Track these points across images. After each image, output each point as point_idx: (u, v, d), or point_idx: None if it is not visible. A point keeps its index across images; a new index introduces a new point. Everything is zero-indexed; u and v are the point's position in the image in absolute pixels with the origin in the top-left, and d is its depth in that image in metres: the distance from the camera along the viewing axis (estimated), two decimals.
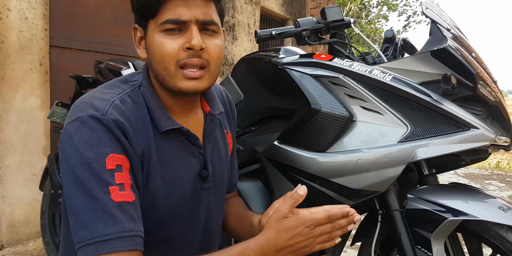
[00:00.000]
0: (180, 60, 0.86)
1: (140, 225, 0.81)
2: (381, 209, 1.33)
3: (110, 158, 0.80)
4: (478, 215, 1.08)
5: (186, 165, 0.96)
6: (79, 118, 0.82)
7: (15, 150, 2.53)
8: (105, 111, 0.82)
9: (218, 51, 0.91)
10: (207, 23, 0.88)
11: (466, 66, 1.14)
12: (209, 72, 0.90)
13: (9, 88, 2.47)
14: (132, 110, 0.88)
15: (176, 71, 0.87)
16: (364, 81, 1.25)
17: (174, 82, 0.88)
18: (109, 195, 0.77)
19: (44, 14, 2.64)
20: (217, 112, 1.05)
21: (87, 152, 0.79)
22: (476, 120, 1.14)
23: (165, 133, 0.92)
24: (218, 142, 1.09)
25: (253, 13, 5.08)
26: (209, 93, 1.07)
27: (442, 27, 1.21)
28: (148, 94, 0.92)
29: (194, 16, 0.86)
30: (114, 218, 0.77)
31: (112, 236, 0.76)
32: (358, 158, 1.20)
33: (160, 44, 0.86)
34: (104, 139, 0.80)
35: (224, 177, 1.11)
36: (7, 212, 2.52)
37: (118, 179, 0.80)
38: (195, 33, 0.86)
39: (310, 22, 1.44)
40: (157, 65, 0.89)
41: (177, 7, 0.85)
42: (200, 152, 1.00)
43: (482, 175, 5.58)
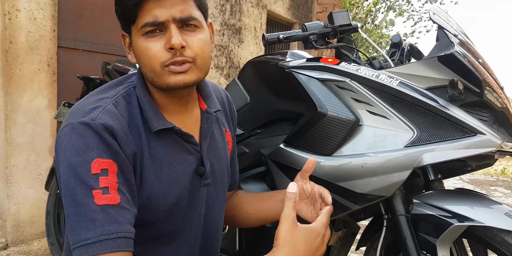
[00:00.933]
0: (165, 61, 0.88)
1: (126, 226, 0.82)
2: (387, 214, 1.33)
3: (95, 162, 0.82)
4: (484, 221, 1.08)
5: (182, 163, 0.98)
6: (69, 124, 0.85)
7: (21, 150, 2.55)
8: (95, 116, 0.84)
9: (201, 45, 0.91)
10: (186, 20, 0.89)
11: (473, 72, 1.14)
12: (196, 65, 0.91)
13: (16, 88, 2.49)
14: (125, 112, 0.90)
15: (162, 70, 0.89)
16: (371, 85, 1.25)
17: (162, 80, 0.90)
18: (92, 199, 0.80)
19: (53, 15, 2.66)
20: (214, 110, 1.06)
21: (74, 157, 0.82)
22: (483, 125, 1.14)
23: (158, 132, 0.93)
24: (216, 140, 1.10)
25: (259, 16, 5.09)
26: (206, 91, 1.08)
27: (449, 33, 1.22)
28: (142, 95, 0.94)
29: (171, 15, 0.87)
30: (94, 222, 0.79)
31: (92, 240, 0.78)
32: (364, 162, 1.20)
33: (143, 48, 0.89)
34: (90, 144, 0.82)
35: (224, 174, 1.13)
36: (12, 211, 2.53)
37: (103, 183, 0.81)
38: (174, 32, 0.87)
39: (317, 26, 1.44)
40: (144, 68, 0.91)
41: (153, 9, 0.86)
42: (196, 149, 1.01)
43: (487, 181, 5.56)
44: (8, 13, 2.39)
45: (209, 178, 1.05)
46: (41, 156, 2.66)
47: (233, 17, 4.62)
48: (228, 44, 4.60)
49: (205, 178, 1.04)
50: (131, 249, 0.82)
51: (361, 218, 1.52)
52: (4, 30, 2.39)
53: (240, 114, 1.65)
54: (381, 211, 1.35)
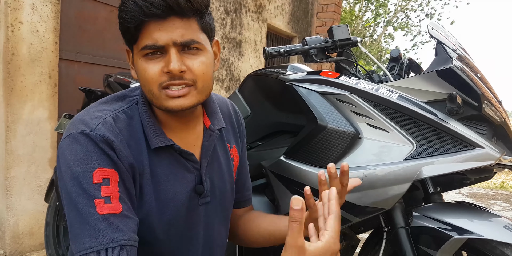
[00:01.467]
0: (162, 82, 0.86)
1: (129, 234, 0.82)
2: (387, 227, 1.33)
3: (97, 172, 0.82)
4: (484, 233, 1.08)
5: (180, 181, 0.97)
6: (71, 134, 0.85)
7: (21, 161, 2.55)
8: (94, 127, 0.85)
9: (203, 68, 0.89)
10: (187, 44, 0.86)
11: (471, 86, 1.16)
12: (196, 89, 0.89)
13: (18, 100, 2.50)
14: (126, 126, 0.90)
15: (160, 92, 0.87)
16: (370, 99, 1.26)
17: (160, 102, 0.88)
18: (94, 208, 0.80)
19: (55, 28, 2.69)
20: (217, 127, 1.04)
21: (76, 167, 0.82)
22: (481, 139, 1.15)
23: (157, 149, 0.92)
24: (219, 157, 1.08)
25: (260, 30, 5.14)
26: (211, 107, 1.06)
27: (448, 47, 1.24)
28: (143, 111, 0.94)
29: (172, 39, 0.84)
30: (98, 231, 0.79)
31: (96, 248, 0.78)
32: (364, 175, 1.21)
33: (142, 69, 0.88)
34: (91, 154, 0.83)
35: (226, 192, 1.10)
36: (11, 223, 2.52)
37: (104, 192, 0.82)
38: (173, 57, 0.85)
39: (317, 40, 1.47)
40: (143, 87, 0.90)
41: (153, 32, 0.84)
42: (195, 167, 1.00)
43: (486, 195, 5.55)
44: (11, 25, 2.42)
45: (209, 196, 1.03)
46: (41, 167, 2.66)
47: (233, 31, 4.67)
48: (228, 57, 4.63)
49: (203, 196, 1.02)
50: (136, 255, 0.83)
51: (361, 230, 1.52)
52: (6, 42, 2.41)
53: None
54: (381, 223, 1.35)
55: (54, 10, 2.66)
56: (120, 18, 0.86)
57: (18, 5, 2.45)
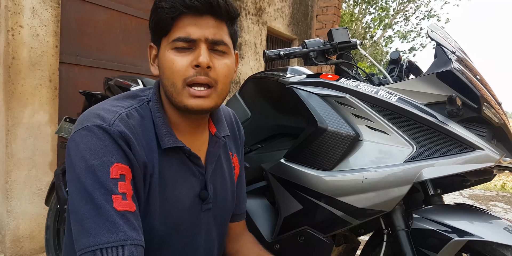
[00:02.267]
0: (187, 77, 0.88)
1: (141, 235, 0.82)
2: (387, 229, 1.33)
3: (114, 167, 0.81)
4: (484, 235, 1.08)
5: (186, 184, 0.97)
6: (86, 127, 0.83)
7: (22, 164, 2.55)
8: (112, 122, 0.84)
9: (226, 71, 0.91)
10: (216, 43, 0.90)
11: (471, 88, 1.16)
12: (216, 91, 0.91)
13: (18, 103, 2.50)
14: (138, 124, 0.90)
15: (183, 89, 0.89)
16: (370, 101, 1.27)
17: (180, 99, 0.89)
18: (112, 204, 0.78)
19: (55, 31, 2.70)
20: (223, 134, 1.05)
21: (92, 160, 0.80)
22: (481, 141, 1.15)
23: (167, 150, 0.92)
24: (222, 164, 1.08)
25: (260, 33, 5.15)
26: (217, 115, 1.07)
27: (447, 49, 1.24)
28: (156, 110, 0.94)
29: (204, 35, 0.88)
30: (117, 226, 0.77)
31: (115, 243, 0.76)
32: (364, 177, 1.21)
33: (170, 61, 0.89)
34: (109, 148, 0.82)
35: (227, 200, 1.10)
36: (12, 226, 2.52)
37: (121, 189, 0.81)
38: (203, 51, 0.88)
39: (317, 43, 1.47)
40: (166, 81, 0.90)
41: (187, 26, 0.87)
42: (201, 172, 1.00)
43: (487, 197, 5.55)
44: (11, 29, 2.43)
45: (211, 203, 1.03)
46: (41, 171, 2.66)
47: None
48: None
49: (206, 202, 1.02)
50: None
51: (362, 233, 1.52)
52: (7, 46, 2.42)
53: None
54: (381, 226, 1.35)
55: (54, 13, 2.67)
56: (158, 8, 0.88)
57: (19, 9, 2.45)
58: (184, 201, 0.96)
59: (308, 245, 1.35)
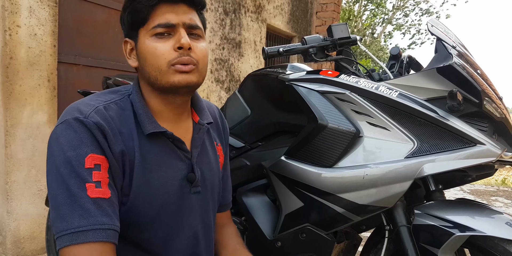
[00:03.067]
0: (172, 59, 0.94)
1: (115, 220, 0.87)
2: (388, 225, 1.33)
3: (89, 158, 0.86)
4: (485, 230, 1.08)
5: (172, 168, 1.01)
6: (65, 121, 0.89)
7: (21, 165, 2.54)
8: (87, 114, 0.89)
9: (204, 52, 0.99)
10: (193, 27, 0.97)
11: (471, 83, 1.16)
12: (198, 69, 0.97)
13: (17, 104, 2.49)
14: (117, 115, 0.95)
15: (168, 69, 0.94)
16: (370, 97, 1.26)
17: (166, 78, 0.95)
18: (85, 191, 0.84)
19: (53, 31, 2.69)
20: (206, 121, 1.10)
21: (69, 151, 0.86)
22: (482, 136, 1.15)
23: (150, 136, 0.97)
24: (208, 151, 1.13)
25: (259, 30, 5.14)
26: (199, 104, 1.12)
27: (448, 44, 1.23)
28: (137, 100, 0.99)
29: (181, 20, 0.95)
30: (89, 212, 0.83)
31: (85, 227, 0.82)
32: (365, 173, 1.20)
33: (152, 47, 0.95)
34: (84, 140, 0.87)
35: (215, 185, 1.14)
36: (12, 227, 2.52)
37: (95, 177, 0.86)
38: (183, 34, 0.94)
39: (316, 39, 1.46)
40: (150, 67, 0.96)
41: (165, 13, 0.94)
42: (186, 156, 1.04)
43: (488, 192, 5.55)
44: (8, 29, 2.42)
45: (200, 186, 1.07)
46: (41, 171, 2.66)
47: (233, 31, 4.66)
48: (228, 57, 4.63)
49: (195, 185, 1.05)
50: (117, 242, 0.87)
51: (363, 229, 1.52)
52: (4, 46, 2.41)
53: (241, 126, 1.66)
54: (382, 222, 1.35)
55: (51, 13, 2.66)
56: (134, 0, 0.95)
57: (16, 9, 2.44)
58: (170, 183, 1.00)
59: (309, 242, 1.35)
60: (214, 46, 4.39)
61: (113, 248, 0.86)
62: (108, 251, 0.85)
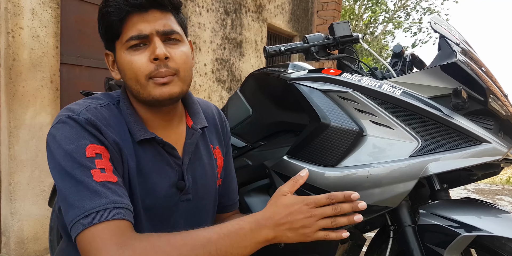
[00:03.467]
0: (150, 72, 0.91)
1: (128, 200, 0.85)
2: (393, 225, 1.31)
3: (89, 147, 0.86)
4: (492, 230, 1.06)
5: (161, 175, 0.99)
6: (59, 120, 0.89)
7: (24, 166, 2.54)
8: (79, 112, 0.89)
9: (184, 58, 0.95)
10: (168, 33, 0.93)
11: (476, 80, 1.14)
12: (179, 77, 0.94)
13: (20, 105, 2.50)
14: (110, 117, 0.94)
15: (147, 82, 0.92)
16: (373, 95, 1.25)
17: (147, 92, 0.92)
18: (91, 177, 0.82)
19: (56, 32, 2.69)
20: (200, 126, 1.08)
21: (67, 145, 0.85)
22: (488, 134, 1.13)
23: (141, 143, 0.96)
24: (202, 156, 1.10)
25: (260, 30, 5.13)
26: (193, 108, 1.10)
27: (451, 41, 1.22)
28: (125, 107, 0.97)
29: (154, 28, 0.91)
30: (99, 194, 0.81)
31: (98, 208, 0.80)
32: (369, 173, 1.19)
33: (128, 61, 0.92)
34: (82, 133, 0.87)
35: (208, 191, 1.11)
36: (16, 228, 2.52)
37: (99, 165, 0.85)
38: (158, 43, 0.91)
39: (318, 38, 1.45)
40: (130, 81, 0.94)
41: (137, 24, 0.91)
42: (177, 163, 1.02)
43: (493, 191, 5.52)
44: (11, 31, 2.42)
45: (190, 193, 1.05)
46: (44, 172, 2.66)
47: (234, 31, 4.66)
48: (229, 57, 4.63)
49: (185, 193, 1.03)
50: (133, 221, 0.84)
51: (367, 229, 1.50)
52: (7, 48, 2.41)
53: (242, 126, 1.65)
54: (387, 222, 1.33)
55: (54, 14, 2.66)
56: (105, 13, 0.91)
57: (18, 11, 2.44)
58: (158, 190, 0.98)
59: (313, 243, 1.33)
60: (215, 46, 4.38)
61: (130, 225, 0.83)
62: (128, 227, 0.81)
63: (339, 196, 0.85)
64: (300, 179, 0.90)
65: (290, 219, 0.84)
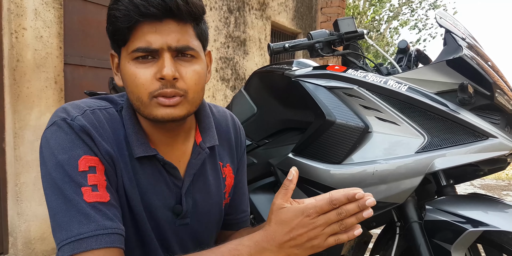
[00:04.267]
0: (153, 91, 0.81)
1: (118, 223, 0.79)
2: (399, 221, 1.31)
3: (82, 160, 0.79)
4: (499, 225, 1.06)
5: (157, 196, 0.91)
6: (54, 122, 0.82)
7: (30, 167, 2.55)
8: (74, 116, 0.82)
9: (196, 78, 0.84)
10: (182, 50, 0.81)
11: (482, 75, 1.13)
12: (187, 99, 0.83)
13: (24, 106, 2.50)
14: (108, 123, 0.86)
15: (150, 101, 0.82)
16: (379, 91, 1.24)
17: (149, 111, 0.83)
18: (81, 196, 0.77)
19: (59, 33, 2.69)
20: (209, 144, 0.97)
21: (60, 154, 0.79)
22: (495, 129, 1.13)
23: (140, 159, 0.88)
24: (207, 176, 1.00)
25: (264, 28, 5.13)
26: (205, 122, 0.99)
27: (457, 36, 1.21)
28: (127, 117, 0.89)
29: (166, 43, 0.80)
30: (88, 217, 0.76)
31: (86, 234, 0.75)
32: (375, 169, 1.19)
33: (131, 74, 0.81)
34: (76, 142, 0.80)
35: (211, 213, 1.02)
36: (23, 229, 2.53)
37: (91, 181, 0.79)
38: (167, 61, 0.80)
39: (323, 34, 1.45)
40: (131, 95, 0.84)
41: (147, 34, 0.79)
42: (176, 185, 0.93)
43: (499, 186, 5.50)
44: (15, 32, 2.42)
45: (189, 218, 0.96)
46: None
47: (237, 29, 4.65)
48: (233, 56, 4.62)
49: (182, 217, 0.95)
50: (123, 246, 0.79)
51: (373, 226, 1.50)
52: (11, 49, 2.42)
53: (247, 124, 1.65)
54: (393, 218, 1.33)
55: (57, 15, 2.66)
56: (112, 17, 0.80)
57: (21, 11, 2.45)
58: (153, 212, 0.90)
59: None
60: (219, 45, 4.38)
61: (120, 253, 0.78)
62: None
63: (342, 199, 0.73)
64: (290, 184, 0.77)
65: (293, 236, 0.74)
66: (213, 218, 1.03)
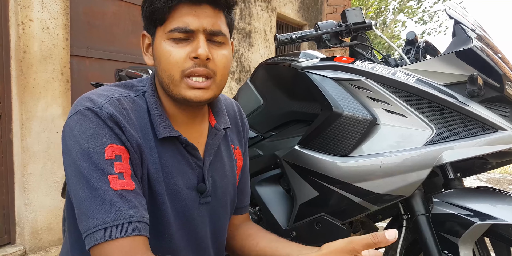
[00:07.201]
0: (186, 69, 0.86)
1: (144, 212, 0.81)
2: (406, 214, 1.31)
3: (109, 148, 0.80)
4: (508, 219, 1.05)
5: (181, 176, 0.94)
6: (78, 111, 0.83)
7: (37, 158, 2.56)
8: (101, 105, 0.83)
9: (225, 61, 0.90)
10: (215, 34, 0.87)
11: (492, 67, 1.12)
12: (215, 82, 0.89)
13: (31, 97, 2.51)
14: (132, 111, 0.88)
15: (181, 80, 0.86)
16: (387, 83, 1.23)
17: (178, 90, 0.87)
18: (108, 184, 0.78)
19: (65, 24, 2.69)
20: (223, 126, 1.03)
21: (86, 143, 0.80)
22: (504, 121, 1.12)
23: (163, 140, 0.91)
24: (222, 157, 1.05)
25: (269, 19, 5.09)
26: (218, 106, 1.05)
27: (467, 27, 1.19)
28: (152, 99, 0.92)
29: (202, 26, 0.85)
30: (114, 206, 0.77)
31: (113, 223, 0.76)
32: (382, 162, 1.18)
33: (166, 52, 0.86)
34: (102, 130, 0.81)
35: (228, 193, 1.06)
36: (30, 219, 2.55)
37: (117, 169, 0.80)
38: (202, 42, 0.85)
39: (330, 25, 1.43)
40: (163, 72, 0.88)
41: (185, 16, 0.85)
42: (198, 164, 0.97)
43: (505, 180, 5.47)
44: (21, 23, 2.42)
45: (210, 196, 1.00)
46: (57, 164, 2.68)
47: (242, 21, 4.63)
48: (238, 48, 4.60)
49: (205, 196, 0.98)
50: (148, 234, 0.81)
51: (379, 219, 1.50)
52: (18, 40, 2.42)
53: (253, 116, 1.64)
54: (399, 211, 1.33)
55: (63, 6, 2.66)
56: None
57: (28, 3, 2.44)
58: (179, 192, 0.93)
59: (325, 232, 1.33)
60: None
61: (145, 241, 0.80)
62: (140, 245, 0.78)
63: None
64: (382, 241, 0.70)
65: None
66: (229, 198, 1.07)
